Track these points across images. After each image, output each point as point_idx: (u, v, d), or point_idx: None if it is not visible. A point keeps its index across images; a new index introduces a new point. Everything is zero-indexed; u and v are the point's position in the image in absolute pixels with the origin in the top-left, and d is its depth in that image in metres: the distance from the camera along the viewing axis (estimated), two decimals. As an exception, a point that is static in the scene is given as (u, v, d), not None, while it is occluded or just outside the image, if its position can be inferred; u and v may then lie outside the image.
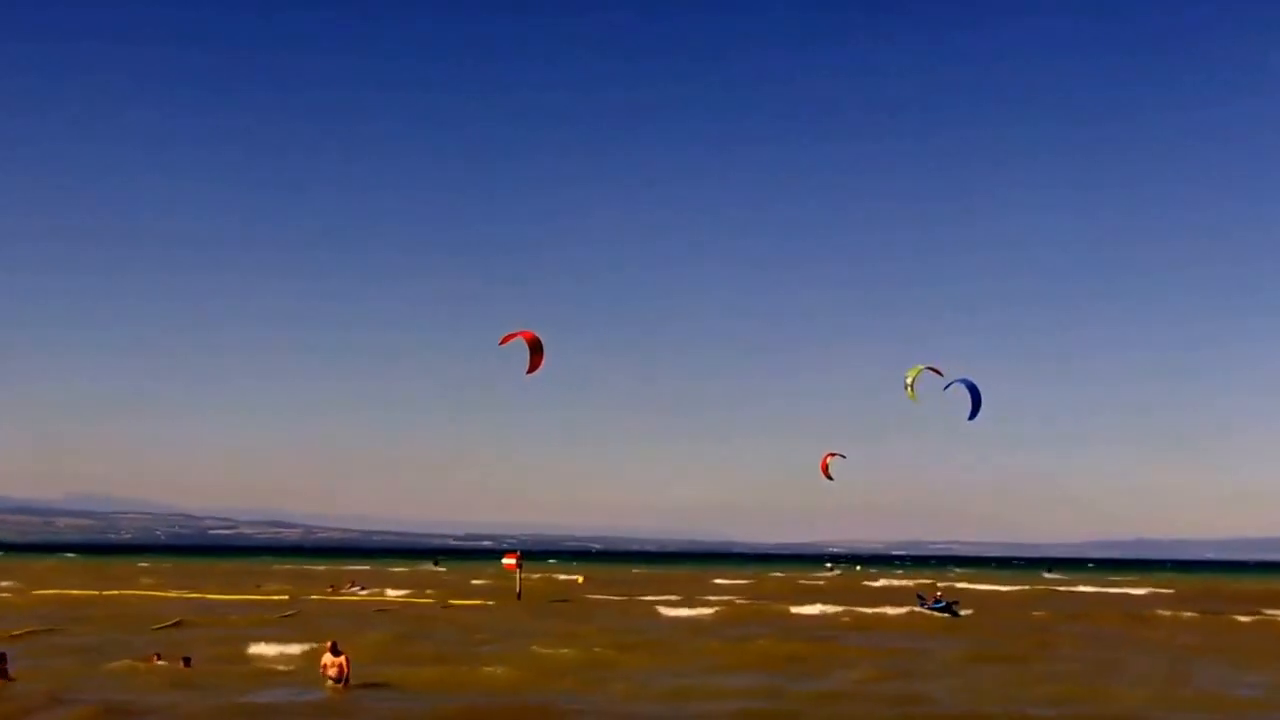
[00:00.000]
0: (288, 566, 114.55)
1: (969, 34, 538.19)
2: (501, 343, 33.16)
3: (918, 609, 48.61)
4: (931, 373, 39.39)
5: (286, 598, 56.09)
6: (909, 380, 39.33)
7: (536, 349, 33.33)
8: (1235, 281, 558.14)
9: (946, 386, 39.46)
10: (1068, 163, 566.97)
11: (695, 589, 72.46)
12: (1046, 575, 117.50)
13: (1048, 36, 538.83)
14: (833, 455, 45.90)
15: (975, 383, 39.33)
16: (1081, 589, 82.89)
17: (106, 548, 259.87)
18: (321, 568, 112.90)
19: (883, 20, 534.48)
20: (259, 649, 28.30)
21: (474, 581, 77.55)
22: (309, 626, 36.74)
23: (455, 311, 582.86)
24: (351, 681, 23.45)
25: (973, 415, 39.49)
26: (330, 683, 23.52)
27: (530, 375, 33.21)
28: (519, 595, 58.76)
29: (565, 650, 29.73)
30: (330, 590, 64.19)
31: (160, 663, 25.44)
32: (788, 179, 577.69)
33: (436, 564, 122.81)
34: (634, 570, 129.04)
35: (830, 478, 45.42)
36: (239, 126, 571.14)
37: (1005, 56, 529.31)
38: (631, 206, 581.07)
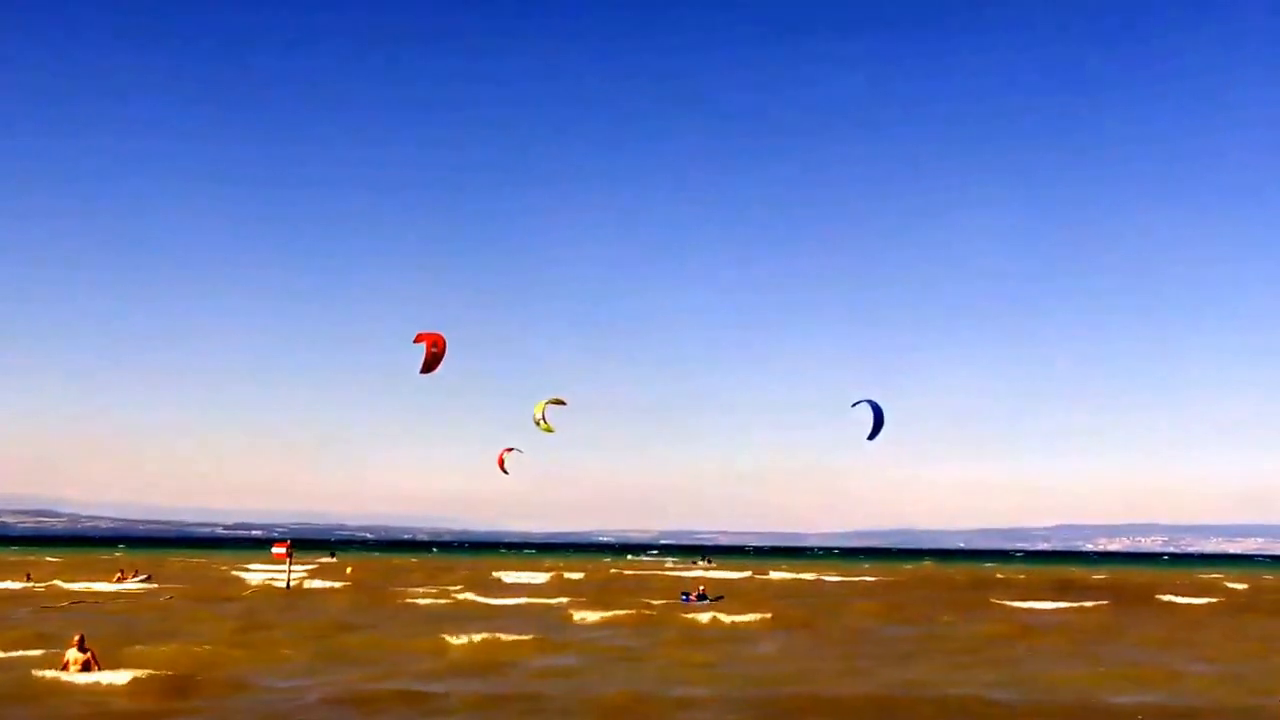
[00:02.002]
0: (24, 558, 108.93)
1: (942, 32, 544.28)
2: (416, 340, 33.68)
3: (679, 602, 50.03)
4: (557, 404, 41.43)
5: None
6: (538, 415, 41.25)
7: (439, 353, 33.69)
8: (1007, 279, 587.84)
9: (854, 405, 40.42)
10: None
11: (443, 580, 71.98)
12: (701, 563, 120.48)
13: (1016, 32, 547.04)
14: (509, 450, 47.51)
15: (880, 406, 40.08)
16: (832, 578, 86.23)
17: None
18: (58, 559, 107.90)
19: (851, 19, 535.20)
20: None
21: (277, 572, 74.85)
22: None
23: (225, 303, 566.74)
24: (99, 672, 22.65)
25: (872, 436, 40.13)
26: (74, 672, 22.56)
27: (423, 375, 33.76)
28: (288, 585, 57.66)
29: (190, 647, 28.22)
30: (119, 577, 63.27)
31: None
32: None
33: (333, 555, 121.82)
34: (402, 560, 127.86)
35: (505, 471, 46.92)
36: None
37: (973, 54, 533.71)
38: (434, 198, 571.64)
